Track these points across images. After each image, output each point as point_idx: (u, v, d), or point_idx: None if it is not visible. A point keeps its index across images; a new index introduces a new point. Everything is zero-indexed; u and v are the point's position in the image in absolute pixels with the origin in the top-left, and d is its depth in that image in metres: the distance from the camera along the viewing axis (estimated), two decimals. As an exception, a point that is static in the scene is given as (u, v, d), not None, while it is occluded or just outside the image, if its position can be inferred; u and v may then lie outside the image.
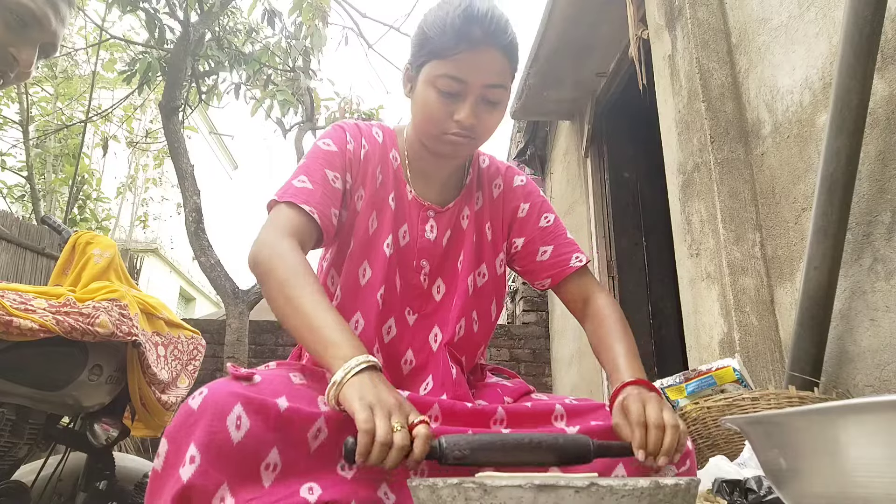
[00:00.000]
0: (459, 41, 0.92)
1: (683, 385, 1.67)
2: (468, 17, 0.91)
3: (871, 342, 1.49)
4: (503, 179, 1.15)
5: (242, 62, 4.79)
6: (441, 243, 1.06)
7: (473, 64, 0.93)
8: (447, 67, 0.93)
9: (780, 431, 0.60)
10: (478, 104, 0.95)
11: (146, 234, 11.50)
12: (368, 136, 1.07)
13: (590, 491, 0.56)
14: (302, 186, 0.95)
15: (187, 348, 1.61)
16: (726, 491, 1.12)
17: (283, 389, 0.77)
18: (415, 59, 0.99)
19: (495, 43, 0.93)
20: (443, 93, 0.94)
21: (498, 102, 0.98)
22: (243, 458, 0.69)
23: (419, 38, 0.98)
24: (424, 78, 0.96)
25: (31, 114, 6.47)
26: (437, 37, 0.93)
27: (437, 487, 0.60)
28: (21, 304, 1.18)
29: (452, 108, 0.95)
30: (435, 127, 0.97)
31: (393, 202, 1.04)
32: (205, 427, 0.68)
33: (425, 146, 1.03)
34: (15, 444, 1.26)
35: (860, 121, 1.46)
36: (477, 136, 0.98)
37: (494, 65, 0.94)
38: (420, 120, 0.99)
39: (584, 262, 1.09)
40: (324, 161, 1.00)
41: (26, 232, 4.67)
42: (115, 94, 7.03)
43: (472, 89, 0.94)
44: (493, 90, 0.95)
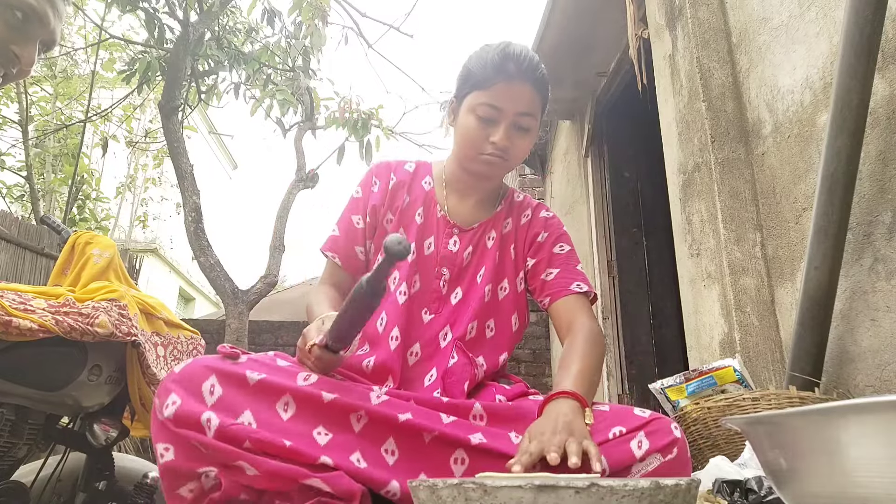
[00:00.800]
0: (497, 74, 1.09)
1: (684, 385, 1.67)
2: (506, 55, 1.09)
3: (872, 342, 1.49)
4: (532, 211, 1.28)
5: (242, 62, 4.78)
6: (462, 256, 1.20)
7: (508, 94, 1.09)
8: (486, 97, 1.10)
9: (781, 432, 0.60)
10: (511, 129, 1.11)
11: (145, 234, 11.50)
12: (398, 170, 1.26)
13: (590, 491, 0.56)
14: (332, 236, 1.22)
15: (187, 348, 1.60)
16: (727, 491, 1.12)
17: (266, 367, 0.91)
18: (459, 91, 1.16)
19: (527, 78, 1.10)
20: (482, 119, 1.10)
21: (528, 129, 1.13)
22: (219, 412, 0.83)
23: (463, 74, 1.15)
24: (466, 107, 1.13)
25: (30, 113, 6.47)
26: (478, 71, 1.11)
27: (437, 488, 0.60)
28: (20, 304, 1.18)
29: (489, 132, 1.11)
30: (473, 148, 1.13)
31: (420, 217, 1.21)
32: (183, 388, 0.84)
33: (464, 168, 1.19)
34: (14, 444, 1.25)
35: (861, 120, 1.46)
36: (509, 157, 1.13)
37: (526, 96, 1.10)
38: (460, 142, 1.15)
39: (584, 290, 1.16)
40: (351, 208, 1.23)
41: (25, 232, 4.67)
42: (115, 93, 7.03)
43: (506, 116, 1.10)
44: (524, 118, 1.11)
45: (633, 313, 3.77)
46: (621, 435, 0.90)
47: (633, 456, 0.88)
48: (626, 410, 0.96)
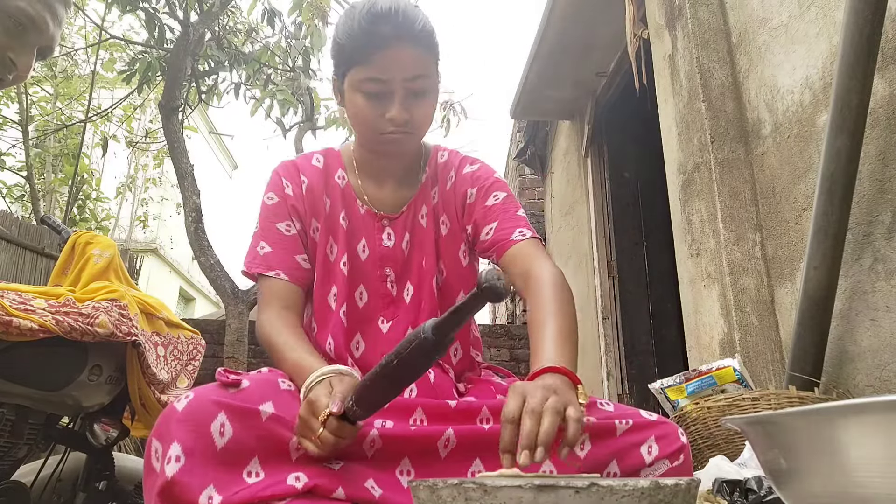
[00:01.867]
0: (370, 42, 0.94)
1: (684, 385, 1.67)
2: (373, 17, 0.93)
3: (872, 342, 1.49)
4: (455, 170, 1.13)
5: (242, 62, 4.78)
6: (401, 247, 1.07)
7: (389, 62, 0.94)
8: (366, 71, 0.95)
9: (781, 431, 0.60)
10: (406, 99, 0.97)
11: (146, 234, 11.50)
12: (306, 168, 1.10)
13: (590, 491, 0.56)
14: (264, 253, 1.03)
15: (187, 348, 1.60)
16: (727, 491, 1.12)
17: (270, 394, 0.80)
18: (337, 69, 1.01)
19: (406, 35, 0.94)
20: (369, 95, 0.97)
21: (425, 92, 0.99)
22: (226, 462, 0.72)
23: (335, 48, 1.00)
24: (349, 85, 0.99)
25: (30, 113, 6.47)
26: (348, 43, 0.96)
27: (437, 488, 0.60)
28: (21, 304, 1.18)
29: (382, 108, 0.97)
30: (371, 129, 1.00)
31: (344, 221, 1.07)
32: (190, 430, 0.71)
33: (371, 150, 1.07)
34: (14, 444, 1.26)
35: (860, 120, 1.46)
36: (414, 128, 1.00)
37: (410, 57, 0.95)
38: (357, 126, 1.03)
39: (527, 236, 1.04)
40: (272, 216, 1.05)
41: (26, 232, 4.67)
42: (115, 93, 7.03)
43: (395, 86, 0.96)
44: (416, 81, 0.96)
45: (633, 313, 3.77)
46: (629, 428, 0.88)
47: (643, 461, 0.86)
48: (632, 410, 0.93)
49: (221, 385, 0.77)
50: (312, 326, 1.05)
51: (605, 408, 0.94)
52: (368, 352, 1.04)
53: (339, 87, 1.03)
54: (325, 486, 0.74)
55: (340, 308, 1.02)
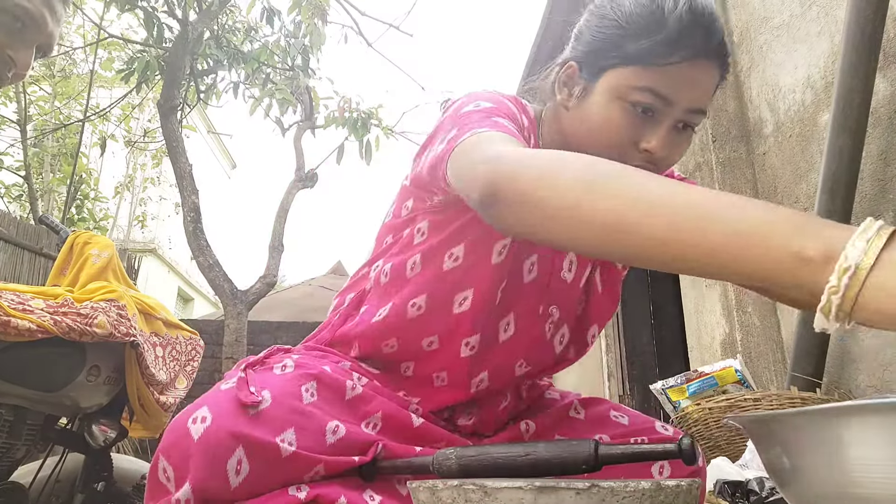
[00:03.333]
0: (679, 47, 0.69)
1: (685, 386, 1.66)
2: (696, 15, 0.70)
3: (874, 342, 1.49)
4: None
5: (241, 61, 4.78)
6: (578, 286, 0.84)
7: (688, 80, 0.71)
8: (651, 79, 0.70)
9: (785, 431, 0.59)
10: (673, 131, 0.73)
11: (144, 234, 11.49)
12: (521, 122, 0.78)
13: (590, 492, 0.56)
14: (499, 122, 0.69)
15: (185, 349, 1.60)
16: (728, 492, 1.12)
17: (292, 417, 0.71)
18: (593, 58, 0.75)
19: (714, 53, 0.71)
20: (636, 110, 0.72)
21: (693, 129, 0.76)
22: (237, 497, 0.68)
23: (608, 31, 0.73)
24: (610, 87, 0.73)
25: (28, 113, 6.46)
26: (643, 35, 0.70)
27: (437, 489, 0.59)
28: (19, 304, 1.17)
29: (642, 132, 0.73)
30: (610, 150, 0.73)
31: None
32: (204, 467, 0.65)
33: None
34: (12, 444, 1.25)
35: (862, 120, 1.46)
36: (659, 171, 0.75)
37: (707, 83, 0.73)
38: (588, 140, 0.75)
39: None
40: (502, 115, 0.72)
41: (24, 232, 4.66)
42: (114, 92, 7.02)
43: (673, 111, 0.72)
44: (696, 115, 0.73)
45: (634, 313, 3.77)
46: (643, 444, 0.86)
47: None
48: (648, 423, 0.86)
49: (240, 405, 0.68)
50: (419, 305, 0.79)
51: (619, 420, 0.88)
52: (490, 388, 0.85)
53: (581, 81, 0.76)
54: (328, 496, 0.72)
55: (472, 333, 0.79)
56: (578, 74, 0.76)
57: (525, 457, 0.66)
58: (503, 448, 0.69)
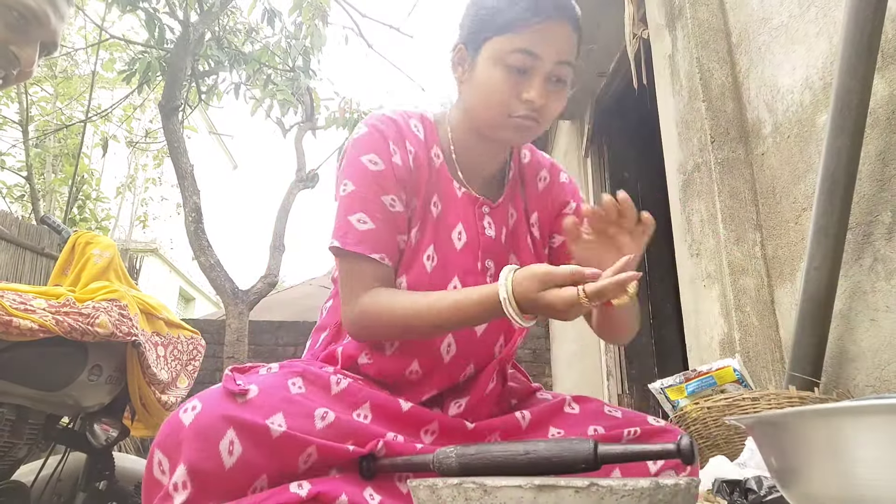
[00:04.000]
0: (534, 12, 0.86)
1: (684, 385, 1.67)
2: None
3: (872, 342, 1.49)
4: (549, 173, 1.07)
5: (242, 62, 4.78)
6: (500, 241, 0.98)
7: (548, 37, 0.87)
8: (520, 41, 0.86)
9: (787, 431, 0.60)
10: (548, 83, 0.89)
11: (146, 234, 11.50)
12: (410, 135, 0.96)
13: (589, 491, 0.56)
14: (365, 228, 0.88)
15: (187, 348, 1.60)
16: (726, 491, 1.12)
17: (280, 404, 0.75)
18: (473, 36, 0.91)
19: (567, 15, 0.89)
20: (512, 69, 0.87)
21: (566, 81, 0.91)
22: (233, 481, 0.70)
23: (480, 13, 0.90)
24: (489, 55, 0.89)
25: (30, 113, 6.47)
26: (506, 8, 0.87)
27: (437, 487, 0.60)
28: (21, 304, 1.18)
29: (521, 87, 0.88)
30: (499, 110, 0.89)
31: (437, 205, 0.95)
32: (198, 449, 0.68)
33: (482, 134, 0.95)
34: (14, 444, 1.26)
35: (861, 120, 1.46)
36: (543, 118, 0.91)
37: (568, 39, 0.89)
38: (480, 104, 0.91)
39: None
40: (376, 186, 0.89)
41: (26, 232, 4.67)
42: (115, 93, 7.03)
43: (543, 65, 0.88)
44: (563, 67, 0.89)
45: (633, 313, 3.76)
46: (635, 436, 0.88)
47: (647, 470, 0.85)
48: (640, 416, 0.92)
49: (228, 393, 0.72)
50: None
51: (612, 413, 0.92)
52: (459, 356, 0.93)
53: (468, 57, 0.92)
54: (329, 493, 0.73)
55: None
56: (465, 53, 0.93)
57: (525, 455, 0.67)
58: (503, 447, 0.70)
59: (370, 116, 0.96)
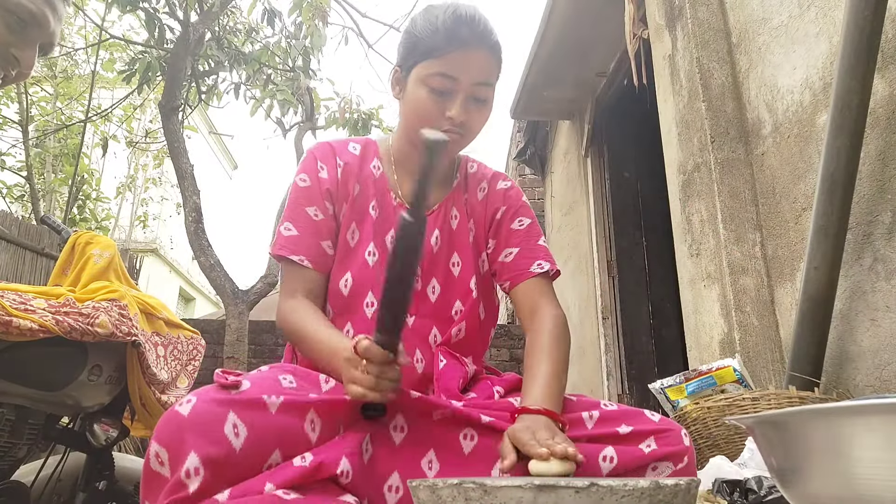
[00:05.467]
0: (450, 41, 0.98)
1: (683, 385, 1.67)
2: (457, 18, 0.99)
3: (872, 342, 1.49)
4: (488, 183, 1.18)
5: (242, 62, 4.79)
6: (430, 244, 1.09)
7: (464, 62, 0.98)
8: (439, 66, 0.99)
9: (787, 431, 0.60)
10: (468, 101, 1.00)
11: (146, 234, 11.50)
12: (343, 152, 1.12)
13: (589, 491, 0.56)
14: (289, 235, 1.04)
15: (187, 348, 1.60)
16: (726, 491, 1.12)
17: (273, 390, 0.79)
18: (405, 61, 1.04)
19: (483, 43, 1.00)
20: (435, 91, 0.99)
21: (486, 101, 1.03)
22: (246, 461, 0.72)
23: (410, 40, 1.03)
24: (416, 77, 1.01)
25: (30, 113, 6.47)
26: (428, 38, 0.99)
27: (437, 487, 0.60)
28: (20, 304, 1.18)
29: (444, 106, 1.00)
30: (426, 124, 0.99)
31: (374, 210, 1.08)
32: (203, 436, 0.70)
33: (414, 144, 1.07)
34: (14, 444, 1.25)
35: (860, 120, 1.46)
36: (466, 132, 1.02)
37: (483, 63, 1.00)
38: (411, 119, 1.04)
39: (545, 269, 1.08)
40: (303, 200, 1.06)
41: (26, 232, 4.67)
42: (115, 93, 7.03)
43: (462, 87, 0.99)
44: (482, 88, 1.01)
45: (633, 313, 3.77)
46: (630, 433, 0.89)
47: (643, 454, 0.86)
48: (636, 412, 0.94)
49: (221, 387, 0.76)
50: (328, 310, 1.05)
51: (608, 408, 0.94)
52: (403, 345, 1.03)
53: (401, 78, 1.05)
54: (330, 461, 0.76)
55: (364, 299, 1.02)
56: (400, 74, 1.06)
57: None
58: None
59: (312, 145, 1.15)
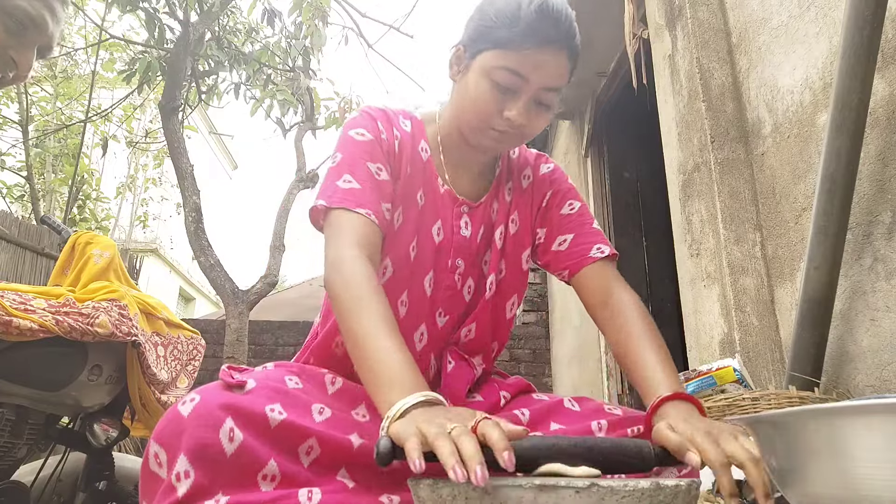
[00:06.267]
0: (530, 36, 0.87)
1: (684, 385, 1.67)
2: (542, 12, 0.88)
3: (872, 342, 1.49)
4: (532, 169, 1.10)
5: (242, 62, 4.78)
6: (476, 239, 1.01)
7: (538, 62, 0.89)
8: (510, 60, 0.88)
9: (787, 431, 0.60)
10: (531, 104, 0.92)
11: (146, 234, 11.50)
12: (398, 124, 1.01)
13: (590, 491, 0.56)
14: (349, 187, 0.89)
15: (187, 348, 1.60)
16: (726, 491, 1.12)
17: (277, 396, 0.75)
18: (472, 43, 0.93)
19: (565, 45, 0.90)
20: (499, 86, 0.90)
21: (550, 106, 0.94)
22: (239, 468, 0.69)
23: (483, 23, 0.92)
24: (480, 66, 0.91)
25: (30, 113, 6.47)
26: (505, 26, 0.88)
27: (438, 486, 0.60)
28: (20, 304, 1.18)
29: (504, 104, 0.91)
30: (481, 120, 0.92)
31: (422, 199, 0.98)
32: (197, 438, 0.67)
33: (464, 136, 0.97)
34: (14, 444, 1.26)
35: (860, 121, 1.46)
36: (522, 135, 0.95)
37: (558, 67, 0.91)
38: (466, 109, 0.94)
39: (606, 253, 1.02)
40: (363, 153, 0.93)
41: (26, 232, 4.67)
42: (115, 93, 7.03)
43: (529, 88, 0.90)
44: (549, 93, 0.92)
45: (633, 313, 3.76)
46: (639, 433, 0.88)
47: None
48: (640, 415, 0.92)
49: (226, 386, 0.73)
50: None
51: (613, 411, 0.93)
52: (427, 347, 0.96)
53: (464, 60, 0.95)
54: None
55: (400, 295, 0.93)
56: (463, 54, 0.96)
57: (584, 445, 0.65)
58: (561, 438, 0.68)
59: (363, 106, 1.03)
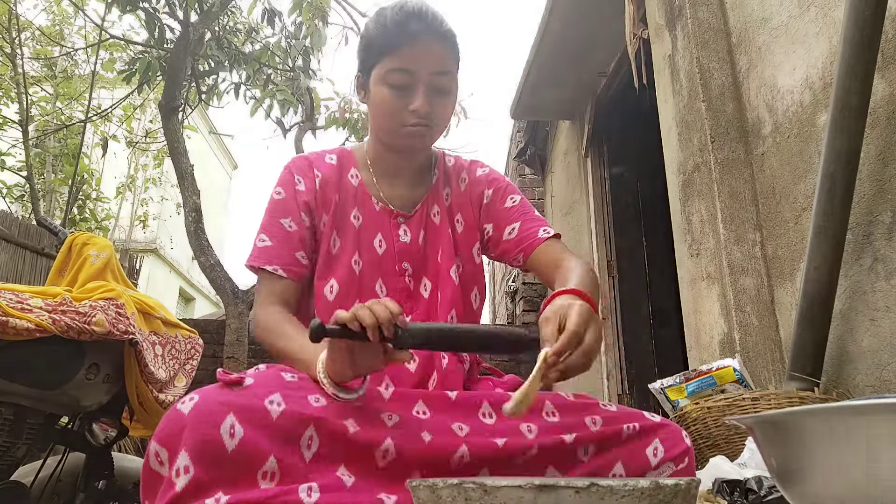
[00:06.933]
0: (401, 35, 1.00)
1: (684, 385, 1.67)
2: (405, 13, 1.01)
3: (872, 342, 1.49)
4: (467, 172, 1.20)
5: (242, 62, 4.78)
6: (417, 243, 1.10)
7: (418, 55, 1.01)
8: (394, 62, 1.01)
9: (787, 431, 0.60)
10: (429, 93, 1.02)
11: (146, 234, 11.50)
12: (320, 164, 1.13)
13: (590, 491, 0.56)
14: (263, 246, 1.05)
15: (185, 348, 1.60)
16: (726, 491, 1.12)
17: (276, 387, 0.79)
18: (363, 65, 1.07)
19: (434, 33, 1.02)
20: (395, 87, 1.01)
21: (448, 90, 1.05)
22: (239, 465, 0.70)
23: (363, 45, 1.07)
24: (376, 78, 1.04)
25: (30, 113, 6.46)
26: (380, 37, 1.02)
27: (437, 487, 0.60)
28: (17, 303, 1.18)
29: (406, 101, 1.02)
30: (392, 121, 1.04)
31: (357, 219, 1.09)
32: (198, 434, 0.69)
33: (387, 145, 1.10)
34: (13, 444, 1.25)
35: (860, 121, 1.46)
36: (433, 123, 1.05)
37: (437, 53, 1.02)
38: (378, 118, 1.06)
39: (551, 233, 1.10)
40: (277, 212, 1.07)
41: (25, 232, 4.67)
42: (115, 93, 7.03)
43: (420, 78, 1.01)
44: (441, 77, 1.03)
45: (633, 313, 3.77)
46: (635, 431, 0.89)
47: (648, 462, 0.87)
48: (636, 412, 0.94)
49: (224, 385, 0.76)
50: (313, 314, 1.04)
51: (608, 407, 0.94)
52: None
53: (364, 83, 1.08)
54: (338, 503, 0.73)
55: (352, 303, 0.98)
56: (362, 79, 1.09)
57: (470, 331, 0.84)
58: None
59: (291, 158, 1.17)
